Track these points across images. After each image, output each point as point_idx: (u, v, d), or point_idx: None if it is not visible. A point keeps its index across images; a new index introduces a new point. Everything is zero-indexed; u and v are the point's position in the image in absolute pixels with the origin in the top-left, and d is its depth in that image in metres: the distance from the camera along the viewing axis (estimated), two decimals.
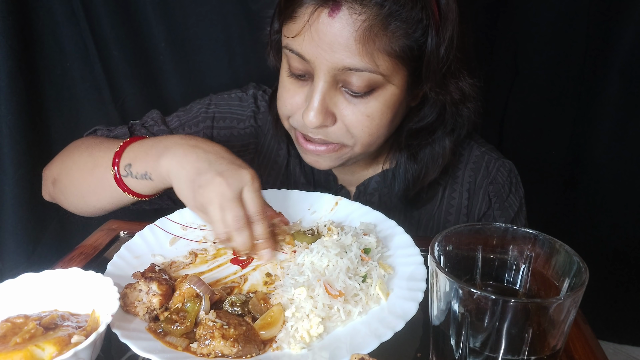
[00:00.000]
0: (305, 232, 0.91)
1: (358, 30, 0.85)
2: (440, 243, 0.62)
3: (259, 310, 0.73)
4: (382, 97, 0.93)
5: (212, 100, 1.21)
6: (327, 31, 0.86)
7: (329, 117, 0.94)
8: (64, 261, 0.89)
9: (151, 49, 1.49)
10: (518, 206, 1.15)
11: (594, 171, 1.57)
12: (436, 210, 1.15)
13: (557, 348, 0.56)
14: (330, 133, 0.96)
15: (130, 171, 0.93)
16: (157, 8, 1.44)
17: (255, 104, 1.20)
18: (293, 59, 0.94)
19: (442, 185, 1.15)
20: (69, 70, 1.47)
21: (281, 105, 1.01)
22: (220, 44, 1.50)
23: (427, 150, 1.08)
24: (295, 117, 0.99)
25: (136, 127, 1.16)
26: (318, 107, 0.91)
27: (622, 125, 1.49)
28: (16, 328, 0.65)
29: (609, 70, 1.45)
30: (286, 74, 0.98)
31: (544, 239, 0.62)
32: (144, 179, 0.92)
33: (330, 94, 0.93)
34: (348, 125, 0.95)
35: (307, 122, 0.93)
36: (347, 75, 0.89)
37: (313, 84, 0.93)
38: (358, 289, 0.75)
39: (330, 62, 0.88)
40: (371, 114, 0.94)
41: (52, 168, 1.10)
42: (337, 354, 0.66)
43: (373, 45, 0.86)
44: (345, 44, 0.86)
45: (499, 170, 1.15)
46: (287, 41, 0.93)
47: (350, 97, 0.93)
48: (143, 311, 0.72)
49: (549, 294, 0.61)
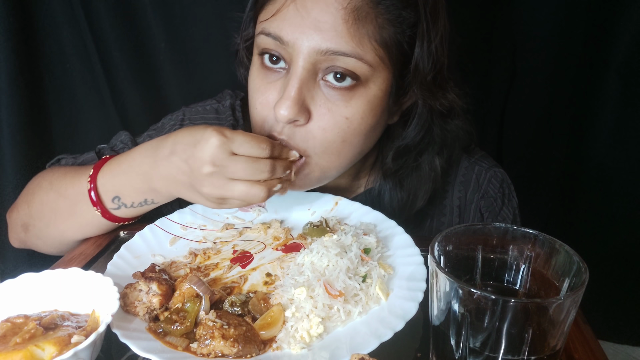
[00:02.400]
0: (312, 225, 0.92)
1: (346, 8, 0.78)
2: (440, 243, 0.62)
3: (259, 310, 0.73)
4: (364, 96, 0.84)
5: (185, 114, 1.12)
6: (312, 7, 0.79)
7: (304, 113, 0.83)
8: (64, 261, 0.89)
9: (151, 49, 1.49)
10: (512, 218, 1.10)
11: (593, 171, 1.57)
12: (426, 230, 1.10)
13: (557, 348, 0.56)
14: (297, 135, 0.85)
15: (122, 203, 0.90)
16: (157, 8, 1.44)
17: (233, 116, 1.12)
18: (268, 45, 0.84)
19: (430, 215, 1.09)
20: (69, 70, 1.47)
21: (252, 109, 0.90)
22: (220, 44, 1.50)
23: (414, 175, 1.01)
24: (268, 119, 0.88)
25: (105, 151, 1.07)
26: (294, 96, 0.81)
27: (621, 124, 1.49)
28: (16, 328, 0.65)
29: (607, 69, 1.45)
30: (257, 70, 0.89)
31: (544, 239, 0.62)
32: (146, 205, 0.91)
33: (308, 85, 0.82)
34: (322, 127, 0.84)
35: (279, 114, 0.81)
36: (330, 61, 0.80)
37: (290, 72, 0.83)
38: (358, 289, 0.75)
39: (313, 44, 0.79)
40: (351, 116, 0.84)
41: (19, 212, 1.01)
42: (337, 354, 0.66)
43: (362, 27, 0.79)
44: (331, 23, 0.78)
45: (490, 182, 1.09)
46: (263, 25, 0.84)
47: (330, 91, 0.83)
48: (143, 311, 0.72)
49: (549, 294, 0.61)
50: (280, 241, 0.92)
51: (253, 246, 0.91)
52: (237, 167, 0.77)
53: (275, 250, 0.90)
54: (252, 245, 0.91)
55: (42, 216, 0.97)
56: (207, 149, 0.77)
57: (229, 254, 0.89)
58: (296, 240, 0.91)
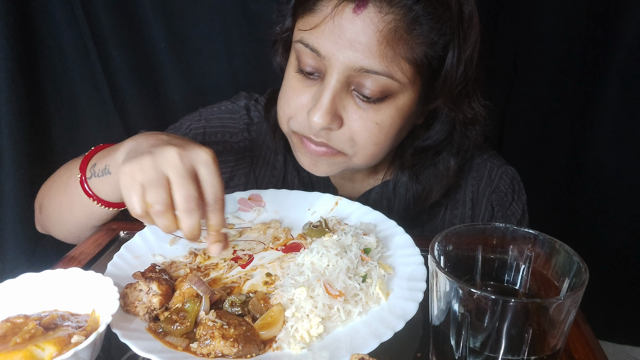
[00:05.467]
0: (311, 226, 0.92)
1: (382, 31, 0.82)
2: (440, 243, 0.62)
3: (259, 310, 0.73)
4: (394, 105, 0.89)
5: (201, 115, 1.15)
6: (349, 27, 0.82)
7: (336, 120, 0.89)
8: (64, 261, 0.89)
9: (151, 49, 1.49)
10: (521, 214, 1.13)
11: (594, 171, 1.57)
12: (439, 222, 1.13)
13: (557, 348, 0.56)
14: (333, 138, 0.92)
15: (94, 171, 0.89)
16: (157, 8, 1.44)
17: (248, 116, 1.15)
18: (305, 55, 0.89)
19: (444, 205, 1.12)
20: (69, 70, 1.47)
21: (284, 104, 0.96)
22: (220, 44, 1.50)
23: (431, 171, 1.05)
24: (297, 119, 0.94)
25: None
26: (327, 106, 0.86)
27: (622, 125, 1.49)
28: (16, 328, 0.65)
29: (608, 70, 1.45)
30: (294, 71, 0.93)
31: (544, 239, 0.62)
32: (105, 175, 0.88)
33: (340, 96, 0.88)
34: (354, 132, 0.90)
35: (313, 121, 0.87)
36: (362, 77, 0.85)
37: (324, 83, 0.88)
38: (358, 289, 0.75)
39: (347, 61, 0.84)
40: (381, 122, 0.90)
41: (39, 195, 1.06)
42: (337, 354, 0.66)
43: (395, 49, 0.83)
44: (366, 43, 0.82)
45: (501, 178, 1.13)
46: (302, 35, 0.89)
47: (361, 101, 0.88)
48: (143, 311, 0.72)
49: (549, 294, 0.61)
50: (280, 241, 0.92)
51: (253, 246, 0.91)
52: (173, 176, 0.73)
53: (275, 250, 0.90)
54: (252, 245, 0.91)
55: (49, 193, 1.01)
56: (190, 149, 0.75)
57: (229, 254, 0.89)
58: (296, 240, 0.91)
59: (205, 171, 0.75)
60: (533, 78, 1.53)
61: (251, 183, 1.16)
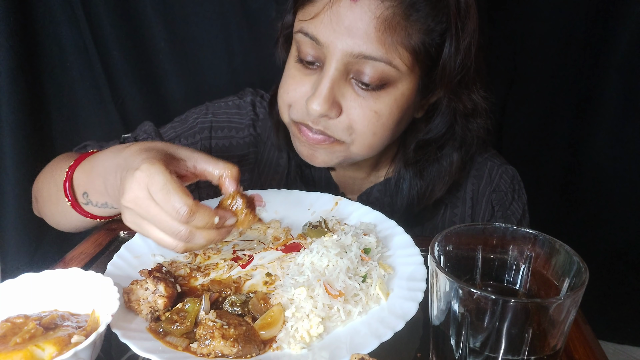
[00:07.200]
0: (311, 226, 0.92)
1: (379, 17, 0.82)
2: (440, 243, 0.62)
3: (259, 310, 0.73)
4: (392, 94, 0.90)
5: (208, 109, 1.16)
6: (347, 14, 0.83)
7: (335, 108, 0.89)
8: (64, 261, 0.89)
9: (151, 49, 1.49)
10: (521, 213, 1.13)
11: (593, 170, 1.57)
12: (439, 221, 1.13)
13: (557, 348, 0.56)
14: (331, 125, 0.91)
15: (89, 200, 0.89)
16: (157, 8, 1.44)
17: (254, 112, 1.17)
18: (305, 44, 0.90)
19: (445, 202, 1.12)
20: (69, 69, 1.47)
21: (283, 92, 0.96)
22: (220, 43, 1.50)
23: (434, 167, 1.05)
24: (297, 107, 0.94)
25: (129, 141, 1.09)
26: (326, 94, 0.87)
27: (621, 124, 1.49)
28: (16, 328, 0.65)
29: (607, 68, 1.45)
30: (294, 60, 0.94)
31: (544, 239, 0.62)
32: (107, 208, 0.90)
33: (339, 83, 0.88)
34: (352, 120, 0.90)
35: (311, 108, 0.88)
36: (361, 64, 0.86)
37: (323, 71, 0.88)
38: (358, 289, 0.75)
39: (346, 48, 0.85)
40: (379, 111, 0.90)
41: (35, 184, 1.07)
42: (337, 354, 0.66)
43: (392, 35, 0.83)
44: (364, 30, 0.83)
45: (501, 178, 1.13)
46: (302, 24, 0.90)
47: (360, 89, 0.89)
48: (147, 310, 0.72)
49: (549, 294, 0.61)
50: (280, 241, 0.92)
51: (253, 246, 0.91)
52: (151, 214, 0.70)
53: (275, 250, 0.90)
54: (252, 245, 0.91)
55: (41, 194, 1.03)
56: (131, 182, 0.70)
57: (229, 254, 0.89)
58: (296, 240, 0.91)
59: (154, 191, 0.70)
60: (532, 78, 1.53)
61: (255, 179, 1.17)
